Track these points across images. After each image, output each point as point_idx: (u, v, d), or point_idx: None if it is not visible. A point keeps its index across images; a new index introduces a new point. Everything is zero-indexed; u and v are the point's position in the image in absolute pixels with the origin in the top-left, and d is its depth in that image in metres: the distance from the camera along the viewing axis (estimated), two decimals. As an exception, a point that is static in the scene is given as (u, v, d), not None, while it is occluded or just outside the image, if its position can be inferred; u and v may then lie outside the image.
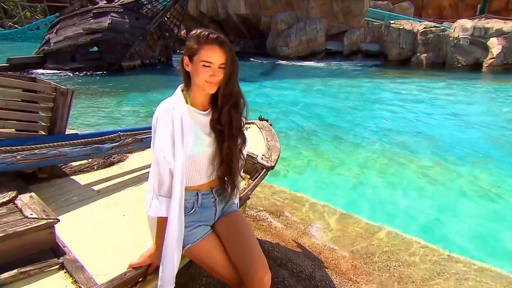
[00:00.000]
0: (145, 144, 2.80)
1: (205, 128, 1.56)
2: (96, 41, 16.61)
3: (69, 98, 2.68)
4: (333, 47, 23.05)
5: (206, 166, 1.60)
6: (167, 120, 1.46)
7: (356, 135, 7.41)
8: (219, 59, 1.44)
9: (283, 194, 4.37)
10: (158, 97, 11.66)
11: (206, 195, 1.64)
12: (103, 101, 10.99)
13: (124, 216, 2.18)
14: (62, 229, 1.85)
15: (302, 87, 13.59)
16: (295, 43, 22.71)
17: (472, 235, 3.77)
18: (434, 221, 4.04)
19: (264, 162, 2.53)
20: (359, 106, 10.46)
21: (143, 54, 18.37)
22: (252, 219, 3.64)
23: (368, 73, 17.92)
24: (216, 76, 1.45)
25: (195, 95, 1.54)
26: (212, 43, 1.43)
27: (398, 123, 8.40)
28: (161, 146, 1.46)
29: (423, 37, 20.53)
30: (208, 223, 1.68)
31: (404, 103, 10.70)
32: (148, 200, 1.56)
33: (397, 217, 4.06)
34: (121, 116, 9.01)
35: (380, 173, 5.35)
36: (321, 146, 6.65)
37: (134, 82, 14.95)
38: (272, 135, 3.19)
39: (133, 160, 3.08)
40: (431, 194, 4.69)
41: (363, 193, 4.74)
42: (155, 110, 1.52)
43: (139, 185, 2.59)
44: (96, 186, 2.57)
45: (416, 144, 6.84)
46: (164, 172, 1.49)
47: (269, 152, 2.73)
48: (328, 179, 5.16)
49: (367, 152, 6.31)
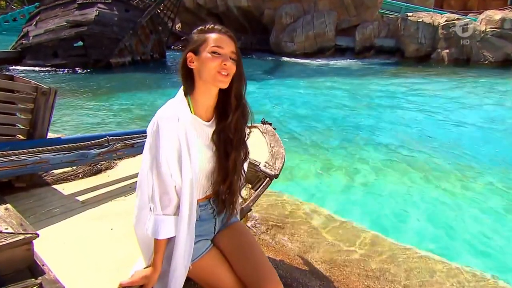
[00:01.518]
0: (136, 150, 2.80)
1: (207, 141, 1.56)
2: (81, 35, 16.69)
3: (51, 99, 2.69)
4: (344, 43, 23.09)
5: (204, 183, 1.60)
6: (172, 134, 1.44)
7: (370, 140, 7.41)
8: (229, 46, 1.45)
9: (288, 204, 4.36)
10: (150, 98, 11.72)
11: (204, 206, 1.64)
12: (89, 102, 11.02)
13: (112, 230, 2.17)
14: (42, 245, 1.84)
15: (309, 87, 13.62)
16: (302, 39, 22.78)
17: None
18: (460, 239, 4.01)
19: (268, 170, 2.53)
20: (373, 108, 10.48)
21: (134, 50, 18.47)
22: (253, 233, 3.63)
23: (382, 72, 17.96)
24: (228, 61, 1.44)
25: (199, 100, 1.52)
26: (220, 32, 1.46)
27: (419, 129, 8.36)
28: (168, 164, 1.46)
29: (445, 31, 20.44)
30: (208, 237, 1.67)
31: (424, 106, 10.68)
32: (139, 219, 1.55)
33: (421, 235, 4.02)
34: (109, 119, 9.05)
35: (396, 184, 5.34)
36: (331, 152, 6.65)
37: (123, 81, 15.01)
38: (276, 140, 3.19)
39: (122, 167, 3.08)
40: (453, 211, 4.67)
41: (376, 204, 4.72)
42: (152, 115, 1.48)
43: (129, 196, 2.58)
44: (80, 197, 2.57)
45: (443, 154, 6.73)
46: (170, 190, 1.49)
47: (273, 159, 2.72)
48: (338, 188, 5.15)
49: (383, 160, 6.30)
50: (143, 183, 1.55)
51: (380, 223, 4.22)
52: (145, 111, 9.74)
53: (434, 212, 4.59)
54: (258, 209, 4.12)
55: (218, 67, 1.43)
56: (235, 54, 1.46)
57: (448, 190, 5.20)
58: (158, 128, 1.44)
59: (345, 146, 7.04)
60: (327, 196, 4.93)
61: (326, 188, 5.19)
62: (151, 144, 1.49)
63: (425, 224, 4.27)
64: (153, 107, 10.04)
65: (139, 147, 2.80)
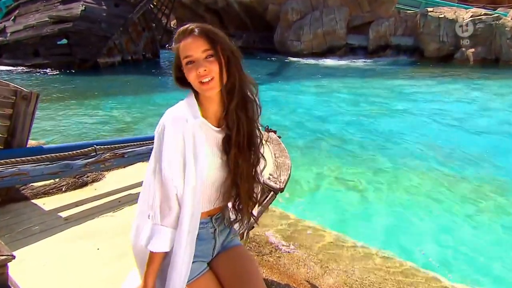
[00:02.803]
0: (127, 160, 2.82)
1: (216, 148, 1.56)
2: (66, 32, 16.82)
3: (32, 104, 2.71)
4: (356, 41, 23.25)
5: (210, 193, 1.60)
6: (177, 135, 1.45)
7: (386, 150, 7.39)
8: (198, 48, 1.44)
9: (294, 222, 4.34)
10: (142, 102, 11.73)
11: (204, 224, 1.64)
12: (75, 106, 11.07)
13: (98, 250, 2.16)
14: (18, 267, 1.84)
15: (317, 91, 13.68)
16: (309, 37, 22.97)
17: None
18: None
19: (272, 184, 2.53)
20: (389, 114, 10.48)
21: (124, 49, 18.64)
22: (256, 253, 3.61)
23: (399, 74, 17.98)
24: (203, 67, 1.43)
25: (205, 105, 1.55)
26: (185, 36, 1.46)
27: (443, 139, 8.26)
28: (170, 167, 1.47)
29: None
30: (205, 259, 1.67)
31: (447, 112, 10.62)
32: (140, 229, 1.55)
33: (448, 262, 3.99)
34: (96, 125, 9.06)
35: (416, 202, 5.29)
36: (342, 164, 6.63)
37: (112, 83, 15.10)
38: (281, 149, 3.19)
39: (111, 180, 3.09)
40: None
41: (394, 222, 4.69)
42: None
43: (118, 211, 2.57)
44: (63, 213, 2.57)
45: (469, 168, 6.63)
46: (171, 198, 1.50)
47: (278, 171, 2.72)
48: (350, 205, 5.12)
49: (400, 173, 6.27)
50: (145, 189, 1.56)
51: (396, 245, 4.18)
52: (137, 117, 9.77)
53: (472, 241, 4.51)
54: (261, 227, 4.11)
55: (196, 78, 1.45)
56: (208, 50, 1.44)
57: (489, 212, 5.07)
58: (164, 129, 1.46)
59: (358, 156, 7.02)
60: (338, 213, 4.90)
61: (337, 204, 5.16)
62: (156, 147, 1.51)
63: (461, 253, 4.22)
64: (147, 112, 10.11)
65: (131, 157, 2.82)
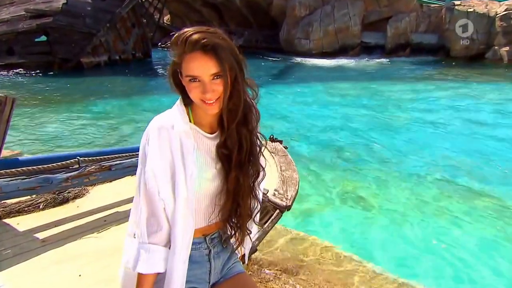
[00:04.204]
0: (113, 173, 2.82)
1: (211, 156, 1.58)
2: (45, 28, 16.92)
3: (7, 110, 2.72)
4: (372, 39, 23.36)
5: (205, 207, 1.61)
6: (163, 144, 1.47)
7: (405, 164, 7.37)
8: (206, 69, 1.44)
9: (302, 244, 4.33)
10: (132, 107, 11.74)
11: (197, 244, 1.63)
12: (55, 112, 11.09)
13: (80, 277, 2.16)
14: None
15: (327, 96, 13.70)
16: (319, 35, 23.07)
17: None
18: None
19: (278, 200, 2.53)
20: (409, 123, 10.47)
21: (111, 48, 18.75)
22: (259, 280, 3.59)
23: (421, 76, 17.95)
24: (210, 92, 1.45)
25: (199, 112, 1.56)
26: (193, 49, 1.43)
27: (474, 152, 8.13)
28: (155, 177, 1.48)
29: (504, 22, 20.33)
30: (199, 286, 1.66)
31: (478, 121, 10.51)
32: (128, 250, 1.56)
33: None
34: (80, 134, 9.05)
35: (443, 221, 5.28)
36: (355, 178, 6.62)
37: (98, 86, 15.13)
38: (288, 162, 3.20)
39: (95, 195, 3.09)
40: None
41: (416, 244, 4.67)
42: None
43: (103, 232, 2.56)
44: (41, 233, 2.55)
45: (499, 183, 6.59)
46: (159, 212, 1.51)
47: (284, 186, 2.73)
48: (367, 225, 5.11)
49: (421, 189, 6.25)
50: (133, 207, 1.57)
51: (418, 272, 4.16)
52: (126, 124, 9.75)
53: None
54: (265, 249, 4.09)
55: (199, 96, 1.46)
56: (218, 72, 1.44)
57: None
58: (148, 139, 1.49)
59: (373, 170, 7.00)
60: (352, 234, 4.88)
61: (351, 224, 5.14)
62: (141, 160, 1.53)
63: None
64: (137, 119, 10.03)
65: (118, 170, 2.82)
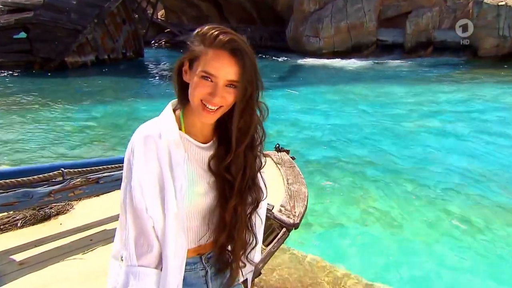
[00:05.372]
0: (101, 187, 2.82)
1: (202, 168, 1.58)
2: (25, 24, 17.00)
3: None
4: (389, 37, 23.33)
5: (197, 226, 1.61)
6: (149, 155, 1.47)
7: (428, 179, 7.34)
8: (226, 72, 1.45)
9: (311, 268, 4.31)
10: (122, 113, 11.80)
11: (192, 265, 1.63)
12: (36, 118, 11.10)
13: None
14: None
15: (339, 100, 13.69)
16: (330, 32, 23.07)
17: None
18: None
19: (284, 218, 2.53)
20: (431, 131, 10.41)
21: (99, 46, 18.82)
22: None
23: (445, 78, 17.85)
24: (218, 96, 1.45)
25: (193, 119, 1.57)
26: (221, 47, 1.45)
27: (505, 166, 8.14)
28: (142, 192, 1.49)
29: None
30: (196, 311, 1.67)
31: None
32: (115, 275, 1.57)
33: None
34: (64, 142, 9.08)
35: (472, 245, 5.29)
36: (371, 192, 6.60)
37: (84, 88, 15.14)
38: (296, 174, 3.20)
39: (81, 212, 3.08)
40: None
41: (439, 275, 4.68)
42: (131, 136, 1.52)
43: (88, 252, 2.54)
44: (18, 255, 2.53)
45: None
46: (148, 231, 1.50)
47: (292, 201, 2.73)
48: (384, 247, 5.11)
49: (447, 207, 6.21)
50: (118, 226, 1.57)
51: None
52: (115, 132, 9.81)
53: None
54: (270, 273, 4.09)
55: (202, 95, 1.46)
56: (235, 82, 1.46)
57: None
58: (134, 149, 1.49)
59: (392, 184, 6.99)
60: (367, 257, 4.87)
61: (366, 245, 5.13)
62: (126, 172, 1.53)
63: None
64: (127, 125, 10.15)
65: (107, 183, 2.82)
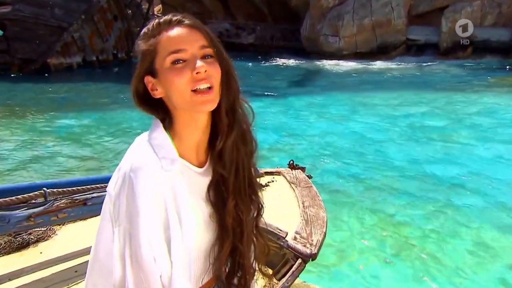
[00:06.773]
0: (89, 209, 2.82)
1: (200, 198, 1.57)
2: (1, 20, 17.25)
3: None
4: (421, 36, 23.41)
5: (198, 264, 1.61)
6: (156, 197, 1.42)
7: (470, 202, 7.26)
8: (193, 39, 1.46)
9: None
10: (112, 122, 11.86)
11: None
12: (12, 128, 11.19)
13: None
14: None
15: (362, 110, 13.73)
16: (352, 30, 23.23)
17: None
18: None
19: (300, 247, 2.52)
20: (473, 145, 10.37)
21: (87, 46, 19.03)
22: None
23: (488, 84, 17.79)
24: (200, 67, 1.42)
25: (183, 136, 1.55)
26: (176, 24, 1.47)
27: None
28: (150, 246, 1.45)
29: None
30: None
31: None
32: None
33: None
34: (46, 157, 9.12)
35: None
36: (402, 220, 6.56)
37: (69, 93, 15.31)
38: (313, 196, 3.19)
39: (65, 238, 3.07)
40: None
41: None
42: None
43: (73, 286, 2.56)
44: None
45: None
46: (155, 282, 1.47)
47: (308, 227, 2.72)
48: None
49: (492, 234, 6.19)
50: (101, 274, 1.52)
51: None
52: (105, 144, 9.82)
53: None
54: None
55: (189, 83, 1.43)
56: (207, 48, 1.47)
57: None
58: (133, 186, 1.42)
59: (426, 210, 6.94)
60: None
61: (394, 281, 5.15)
62: (119, 213, 1.47)
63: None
64: (118, 136, 10.22)
65: (95, 205, 2.82)
